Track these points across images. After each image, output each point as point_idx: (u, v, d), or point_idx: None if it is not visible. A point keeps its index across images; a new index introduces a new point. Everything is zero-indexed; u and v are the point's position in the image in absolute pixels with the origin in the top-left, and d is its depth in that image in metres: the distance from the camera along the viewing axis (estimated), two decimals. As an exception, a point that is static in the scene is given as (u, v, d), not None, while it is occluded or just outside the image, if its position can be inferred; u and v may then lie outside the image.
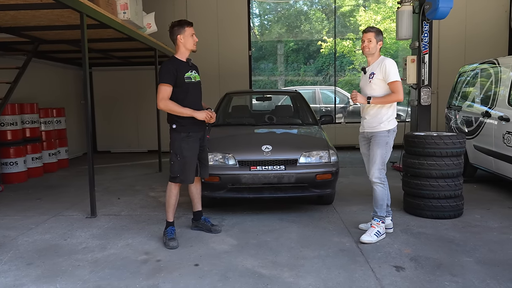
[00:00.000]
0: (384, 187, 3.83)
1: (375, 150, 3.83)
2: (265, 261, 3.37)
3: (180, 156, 3.71)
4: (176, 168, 3.74)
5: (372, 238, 3.74)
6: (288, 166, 4.40)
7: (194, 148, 3.79)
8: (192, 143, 3.76)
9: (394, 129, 3.85)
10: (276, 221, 4.39)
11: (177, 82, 3.65)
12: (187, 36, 3.70)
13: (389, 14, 12.72)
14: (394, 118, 3.87)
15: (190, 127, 3.72)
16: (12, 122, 6.64)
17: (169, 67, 3.66)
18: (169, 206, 3.84)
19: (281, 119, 5.85)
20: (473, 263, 3.25)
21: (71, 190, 6.07)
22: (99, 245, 3.80)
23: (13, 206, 5.19)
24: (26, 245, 3.83)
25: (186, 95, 3.71)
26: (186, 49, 3.74)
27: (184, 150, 3.71)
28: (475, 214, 4.49)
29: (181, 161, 3.72)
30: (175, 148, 3.73)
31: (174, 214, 3.90)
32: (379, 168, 3.80)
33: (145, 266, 3.32)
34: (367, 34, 3.85)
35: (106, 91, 9.89)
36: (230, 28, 9.76)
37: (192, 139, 3.76)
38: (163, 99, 3.63)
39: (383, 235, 3.81)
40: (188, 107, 3.67)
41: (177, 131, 3.72)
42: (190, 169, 3.77)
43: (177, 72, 3.65)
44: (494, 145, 5.22)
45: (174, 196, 3.83)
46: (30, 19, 4.99)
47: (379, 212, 3.84)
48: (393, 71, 3.74)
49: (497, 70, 5.55)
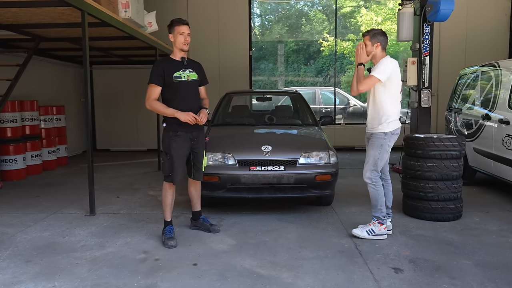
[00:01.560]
0: (375, 188, 3.83)
1: (369, 150, 3.88)
2: (264, 261, 3.37)
3: (170, 155, 3.72)
4: (166, 167, 3.75)
5: (362, 233, 3.78)
6: (288, 166, 4.40)
7: (183, 147, 3.75)
8: (181, 143, 3.73)
9: (393, 132, 3.81)
10: (275, 222, 4.39)
11: (165, 82, 3.66)
12: (176, 35, 3.69)
13: (390, 16, 12.72)
14: (394, 121, 3.82)
15: (177, 126, 3.69)
16: (12, 119, 6.63)
17: (156, 67, 3.70)
18: (165, 206, 3.84)
19: (281, 119, 5.85)
20: (471, 266, 3.25)
21: (70, 188, 6.07)
22: (98, 243, 3.80)
23: (12, 203, 5.19)
24: (24, 242, 3.83)
25: (175, 95, 3.69)
26: (177, 49, 3.73)
27: (172, 149, 3.70)
28: (474, 216, 4.50)
29: (170, 160, 3.72)
30: (165, 147, 3.76)
31: (171, 213, 3.90)
32: (371, 169, 3.82)
33: (144, 265, 3.32)
34: (363, 39, 3.88)
35: (106, 89, 9.89)
36: (231, 28, 9.76)
37: (181, 138, 3.73)
38: (149, 99, 3.68)
39: (380, 236, 3.80)
40: (177, 106, 3.64)
41: (167, 129, 3.74)
42: (178, 168, 3.74)
43: (164, 72, 3.65)
44: (494, 148, 5.22)
45: (170, 196, 3.83)
46: (31, 16, 4.98)
47: (373, 212, 3.86)
48: (380, 67, 3.74)
49: (497, 73, 5.56)
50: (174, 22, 3.71)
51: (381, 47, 3.84)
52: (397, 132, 3.86)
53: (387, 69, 3.72)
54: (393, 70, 3.76)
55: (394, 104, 3.83)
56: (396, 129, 3.83)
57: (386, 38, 3.86)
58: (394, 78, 3.78)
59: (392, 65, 3.77)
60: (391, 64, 3.76)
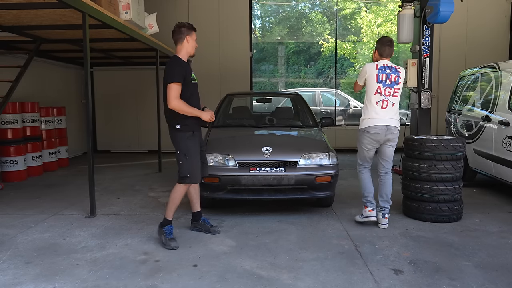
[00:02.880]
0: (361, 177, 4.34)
1: None
2: (264, 263, 3.37)
3: (188, 155, 3.72)
4: (185, 168, 3.73)
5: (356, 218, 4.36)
6: (288, 168, 4.40)
7: (198, 146, 3.87)
8: (196, 142, 3.84)
9: (364, 130, 4.17)
10: (275, 223, 4.39)
11: (184, 82, 3.69)
12: (193, 39, 3.81)
13: (390, 17, 12.73)
14: (369, 119, 4.14)
15: (193, 126, 3.79)
16: (13, 120, 6.64)
17: (179, 67, 3.69)
18: (173, 205, 3.82)
19: (281, 121, 5.85)
20: (471, 267, 3.26)
21: (71, 189, 6.08)
22: (98, 244, 3.80)
23: (13, 205, 5.20)
24: (25, 243, 3.84)
25: (191, 95, 3.77)
26: (187, 52, 3.81)
27: (190, 149, 3.74)
28: (474, 218, 4.50)
29: (189, 160, 3.73)
30: (182, 148, 3.73)
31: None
32: (357, 160, 4.38)
33: (144, 266, 3.32)
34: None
35: (107, 91, 9.90)
36: (232, 30, 9.77)
37: (196, 138, 3.84)
38: (176, 98, 3.63)
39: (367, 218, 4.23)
40: (192, 106, 3.73)
41: (182, 130, 3.72)
42: (197, 167, 3.81)
43: (186, 72, 3.70)
44: (494, 150, 5.22)
45: (181, 197, 3.83)
46: (32, 18, 5.00)
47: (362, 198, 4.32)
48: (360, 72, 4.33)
49: (497, 75, 5.56)
50: (191, 27, 3.83)
51: (378, 53, 4.26)
52: (369, 131, 4.13)
53: (362, 73, 4.24)
54: (367, 74, 4.16)
55: (368, 104, 4.16)
56: (367, 127, 4.14)
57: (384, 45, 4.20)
58: (368, 80, 4.16)
59: (365, 68, 4.20)
60: (365, 68, 4.21)
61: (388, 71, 4.12)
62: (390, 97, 4.12)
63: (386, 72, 4.12)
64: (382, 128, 4.09)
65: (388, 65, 4.15)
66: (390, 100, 4.12)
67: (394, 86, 4.13)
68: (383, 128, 4.09)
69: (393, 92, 4.12)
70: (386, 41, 4.20)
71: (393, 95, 4.13)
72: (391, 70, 4.14)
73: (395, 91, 4.14)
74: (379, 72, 4.11)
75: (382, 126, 4.09)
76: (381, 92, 4.10)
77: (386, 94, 4.11)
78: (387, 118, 4.11)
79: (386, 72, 4.12)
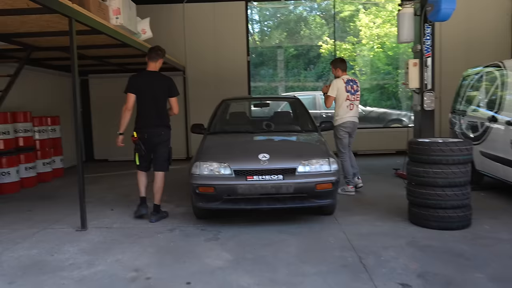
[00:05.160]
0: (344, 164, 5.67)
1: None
2: (262, 279, 3.15)
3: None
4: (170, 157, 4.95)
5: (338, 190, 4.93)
6: (287, 175, 4.19)
7: None
8: None
9: (340, 125, 5.75)
10: (274, 234, 4.17)
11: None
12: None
13: (389, 18, 12.56)
14: (342, 117, 5.72)
15: None
16: (4, 131, 6.46)
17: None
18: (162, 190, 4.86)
19: (280, 126, 5.64)
20: (485, 280, 3.02)
21: (64, 201, 5.87)
22: (87, 261, 3.59)
23: (2, 218, 5.00)
24: (10, 261, 3.64)
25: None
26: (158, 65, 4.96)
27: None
28: (484, 224, 4.26)
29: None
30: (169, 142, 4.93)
31: None
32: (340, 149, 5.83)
33: (134, 285, 3.12)
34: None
35: (103, 98, 9.70)
36: (228, 34, 9.60)
37: None
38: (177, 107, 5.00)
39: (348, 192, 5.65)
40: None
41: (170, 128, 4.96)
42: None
43: None
44: (502, 151, 5.00)
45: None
46: (19, 25, 4.82)
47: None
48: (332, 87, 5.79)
49: (502, 73, 5.36)
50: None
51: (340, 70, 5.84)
52: (344, 125, 5.74)
53: (333, 87, 5.75)
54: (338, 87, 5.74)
55: (340, 108, 5.75)
56: (342, 123, 5.73)
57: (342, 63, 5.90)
58: (339, 91, 5.73)
59: (336, 84, 5.75)
60: (336, 83, 5.75)
61: (351, 83, 5.79)
62: (354, 101, 5.78)
63: (350, 84, 5.78)
64: (352, 123, 5.79)
65: (350, 79, 5.83)
66: (355, 104, 5.79)
67: (356, 93, 5.79)
68: (352, 123, 5.79)
69: (356, 97, 5.78)
70: (341, 60, 5.92)
71: (356, 99, 5.79)
72: (352, 82, 5.82)
73: (357, 96, 5.81)
74: (346, 85, 5.74)
75: (352, 122, 5.78)
76: (349, 98, 5.74)
77: (352, 100, 5.75)
78: (354, 116, 5.79)
79: (350, 84, 5.77)
